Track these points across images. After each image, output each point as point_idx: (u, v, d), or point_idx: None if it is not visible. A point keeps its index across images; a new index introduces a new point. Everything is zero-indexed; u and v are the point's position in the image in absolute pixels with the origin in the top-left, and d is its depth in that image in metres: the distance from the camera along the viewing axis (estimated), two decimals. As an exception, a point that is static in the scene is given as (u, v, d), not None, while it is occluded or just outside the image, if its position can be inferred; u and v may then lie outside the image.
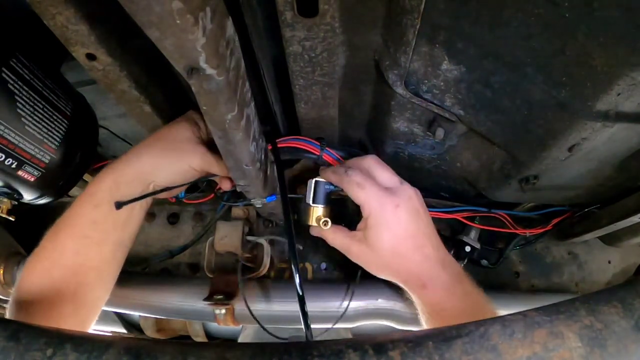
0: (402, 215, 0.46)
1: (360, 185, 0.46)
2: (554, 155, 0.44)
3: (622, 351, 0.25)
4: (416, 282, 0.47)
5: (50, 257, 0.47)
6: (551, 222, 0.68)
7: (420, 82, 0.45)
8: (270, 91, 0.46)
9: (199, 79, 0.30)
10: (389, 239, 0.46)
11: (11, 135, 0.46)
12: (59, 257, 0.47)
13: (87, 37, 0.38)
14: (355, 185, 0.46)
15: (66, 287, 0.46)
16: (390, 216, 0.46)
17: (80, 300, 0.48)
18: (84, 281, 0.48)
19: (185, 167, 0.49)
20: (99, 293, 0.51)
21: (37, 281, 0.46)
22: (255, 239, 0.62)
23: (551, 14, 0.33)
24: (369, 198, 0.46)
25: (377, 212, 0.46)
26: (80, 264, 0.47)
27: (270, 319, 0.62)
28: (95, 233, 0.48)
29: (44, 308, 0.45)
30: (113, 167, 0.49)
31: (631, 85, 0.34)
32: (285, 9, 0.32)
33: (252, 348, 0.26)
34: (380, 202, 0.46)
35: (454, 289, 0.46)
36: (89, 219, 0.47)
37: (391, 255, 0.47)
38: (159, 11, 0.23)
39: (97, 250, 0.48)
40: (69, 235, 0.47)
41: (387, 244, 0.46)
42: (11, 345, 0.25)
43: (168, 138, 0.50)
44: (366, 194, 0.46)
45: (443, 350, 0.25)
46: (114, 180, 0.48)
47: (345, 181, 0.48)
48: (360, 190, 0.46)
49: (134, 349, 0.25)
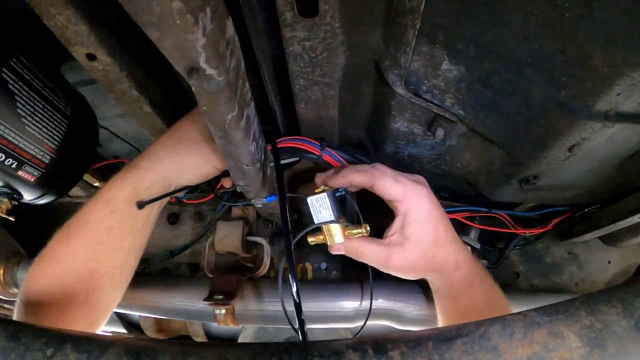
0: (434, 203, 0.46)
1: (395, 179, 0.45)
2: (554, 155, 0.44)
3: (622, 351, 0.25)
4: (451, 265, 0.47)
5: (63, 263, 0.46)
6: (551, 222, 0.68)
7: (420, 82, 0.45)
8: (270, 91, 0.46)
9: (199, 79, 0.30)
10: (429, 231, 0.46)
11: (11, 135, 0.46)
12: (71, 263, 0.46)
13: (87, 37, 0.38)
14: (391, 179, 0.45)
15: (77, 293, 0.45)
16: (428, 207, 0.45)
17: (91, 305, 0.47)
18: (96, 287, 0.47)
19: (210, 168, 0.49)
20: (111, 298, 0.51)
21: (48, 286, 0.45)
22: (255, 239, 0.62)
23: (551, 14, 0.33)
24: (408, 191, 0.44)
25: (417, 205, 0.45)
26: (93, 270, 0.46)
27: (270, 319, 0.62)
28: (110, 240, 0.47)
29: (54, 312, 0.44)
30: (131, 173, 0.47)
31: (631, 85, 0.34)
32: (285, 9, 0.32)
33: (252, 348, 0.26)
34: (417, 194, 0.45)
35: (474, 260, 0.48)
36: (105, 226, 0.46)
37: (434, 247, 0.46)
38: (159, 11, 0.23)
39: (110, 257, 0.47)
40: (82, 241, 0.46)
41: (430, 236, 0.46)
42: (11, 345, 0.25)
43: (189, 138, 0.48)
44: (403, 187, 0.44)
45: (443, 350, 0.25)
46: (134, 187, 0.46)
47: (377, 177, 0.45)
48: (397, 183, 0.44)
49: (134, 349, 0.25)
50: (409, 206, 0.45)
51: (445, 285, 0.49)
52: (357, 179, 0.47)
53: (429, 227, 0.46)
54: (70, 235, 0.47)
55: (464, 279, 0.47)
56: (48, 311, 0.44)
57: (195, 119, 0.50)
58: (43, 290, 0.45)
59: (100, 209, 0.46)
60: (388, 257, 0.47)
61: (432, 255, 0.47)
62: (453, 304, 0.49)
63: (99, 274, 0.47)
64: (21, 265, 0.71)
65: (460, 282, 0.47)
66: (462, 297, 0.47)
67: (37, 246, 0.50)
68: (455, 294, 0.48)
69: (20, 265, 0.71)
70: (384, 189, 0.45)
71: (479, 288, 0.47)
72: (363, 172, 0.46)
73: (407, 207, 0.45)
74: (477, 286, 0.47)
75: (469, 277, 0.47)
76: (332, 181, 0.48)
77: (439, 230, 0.47)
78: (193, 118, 0.50)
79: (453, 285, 0.48)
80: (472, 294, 0.47)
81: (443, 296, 0.50)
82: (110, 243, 0.47)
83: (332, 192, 0.47)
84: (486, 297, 0.48)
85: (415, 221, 0.46)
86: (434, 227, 0.46)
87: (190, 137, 0.48)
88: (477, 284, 0.47)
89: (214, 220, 0.67)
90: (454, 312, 0.49)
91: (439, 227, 0.47)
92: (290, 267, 0.44)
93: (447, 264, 0.47)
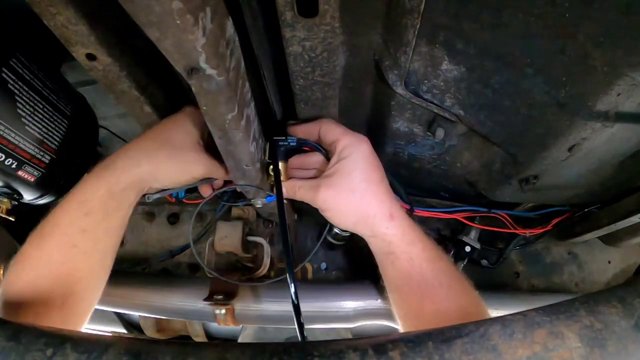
0: (372, 151, 0.48)
1: (336, 124, 0.48)
2: (554, 155, 0.44)
3: (622, 351, 0.25)
4: (384, 212, 0.46)
5: (36, 267, 0.45)
6: (551, 222, 0.68)
7: (420, 82, 0.45)
8: (270, 91, 0.46)
9: (199, 79, 0.30)
10: (363, 169, 0.46)
11: (11, 136, 0.46)
12: (44, 267, 0.45)
13: (87, 37, 0.38)
14: (334, 124, 0.48)
15: (54, 298, 0.44)
16: (364, 149, 0.47)
17: (70, 310, 0.46)
18: (72, 291, 0.46)
19: (189, 177, 0.49)
20: (89, 300, 0.50)
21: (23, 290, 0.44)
22: (255, 239, 0.62)
23: (551, 14, 0.33)
24: (345, 132, 0.47)
25: (353, 144, 0.47)
26: (68, 274, 0.45)
27: (270, 319, 0.62)
28: (84, 242, 0.45)
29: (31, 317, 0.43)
30: (106, 173, 0.46)
31: (631, 85, 0.34)
32: (285, 9, 0.32)
33: (252, 348, 0.26)
34: (355, 135, 0.47)
35: (414, 224, 0.48)
36: (79, 228, 0.45)
37: (366, 185, 0.46)
38: (159, 11, 0.23)
39: (85, 259, 0.46)
40: (55, 244, 0.45)
41: (362, 174, 0.46)
42: (11, 345, 0.25)
43: (170, 144, 0.48)
44: (344, 130, 0.48)
45: (443, 350, 0.25)
46: (109, 189, 0.45)
47: (324, 123, 0.48)
48: (338, 127, 0.48)
49: (134, 349, 0.25)
50: (345, 144, 0.47)
51: (381, 241, 0.47)
52: (307, 129, 0.49)
53: (363, 164, 0.47)
54: (44, 238, 0.45)
55: (402, 234, 0.46)
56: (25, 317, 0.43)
57: (180, 124, 0.49)
58: (19, 295, 0.44)
59: (73, 210, 0.45)
60: (317, 188, 0.47)
61: (363, 194, 0.46)
62: (395, 264, 0.47)
63: (74, 277, 0.46)
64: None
65: (398, 237, 0.46)
66: (402, 255, 0.46)
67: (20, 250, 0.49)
68: (394, 250, 0.46)
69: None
70: (327, 133, 0.47)
71: (421, 249, 0.45)
72: (307, 125, 0.49)
73: (343, 145, 0.47)
74: (419, 246, 0.46)
75: (407, 234, 0.46)
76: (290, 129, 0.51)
77: (373, 174, 0.47)
78: (178, 122, 0.50)
79: (392, 237, 0.46)
80: (413, 254, 0.45)
81: (382, 254, 0.48)
82: (85, 245, 0.46)
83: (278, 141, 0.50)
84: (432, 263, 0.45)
85: (349, 156, 0.47)
86: (368, 168, 0.47)
87: (173, 143, 0.48)
88: (417, 244, 0.46)
89: (214, 220, 0.67)
90: (397, 275, 0.47)
91: (373, 172, 0.47)
92: (288, 267, 0.44)
93: (380, 212, 0.46)
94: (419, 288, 0.45)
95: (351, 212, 0.47)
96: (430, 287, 0.45)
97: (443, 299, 0.44)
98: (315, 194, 0.48)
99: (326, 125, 0.48)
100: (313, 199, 0.48)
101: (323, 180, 0.47)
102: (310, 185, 0.48)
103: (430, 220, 0.73)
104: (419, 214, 0.66)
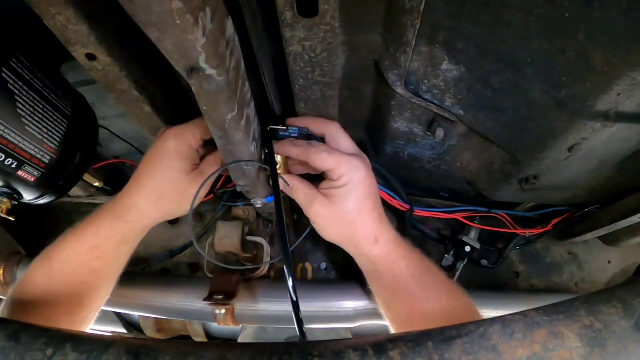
0: (367, 178, 0.48)
1: (329, 152, 0.47)
2: (554, 155, 0.44)
3: (622, 351, 0.25)
4: (369, 238, 0.48)
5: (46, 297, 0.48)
6: (551, 222, 0.68)
7: (420, 82, 0.45)
8: (270, 91, 0.46)
9: (199, 79, 0.30)
10: (356, 199, 0.47)
11: (11, 136, 0.46)
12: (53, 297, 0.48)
13: (87, 37, 0.38)
14: (324, 152, 0.47)
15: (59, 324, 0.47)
16: (360, 178, 0.47)
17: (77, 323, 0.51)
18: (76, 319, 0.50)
19: (183, 211, 0.52)
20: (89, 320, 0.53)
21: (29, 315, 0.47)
22: (255, 239, 0.62)
23: (551, 14, 0.33)
24: (341, 162, 0.47)
25: (348, 174, 0.47)
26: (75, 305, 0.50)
27: (270, 319, 0.62)
28: (94, 280, 0.50)
29: None
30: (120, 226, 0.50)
31: (631, 85, 0.34)
32: (285, 9, 0.32)
33: (252, 348, 0.26)
34: (350, 165, 0.47)
35: (401, 242, 0.49)
36: (90, 269, 0.49)
37: (356, 214, 0.48)
38: (159, 11, 0.23)
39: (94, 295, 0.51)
40: (65, 278, 0.49)
41: (354, 204, 0.47)
42: (11, 345, 0.25)
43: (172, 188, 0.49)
44: (336, 159, 0.47)
45: (443, 350, 0.25)
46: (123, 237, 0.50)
47: (312, 152, 0.47)
48: (329, 155, 0.47)
49: (134, 349, 0.25)
50: (341, 174, 0.47)
51: (366, 260, 0.50)
52: (293, 152, 0.48)
53: (355, 195, 0.47)
54: (54, 270, 0.49)
55: (386, 255, 0.48)
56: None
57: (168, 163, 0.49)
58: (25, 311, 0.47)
59: (85, 253, 0.49)
60: (313, 200, 0.49)
61: (352, 222, 0.48)
62: (380, 281, 0.50)
63: (80, 308, 0.50)
64: (21, 266, 0.71)
65: (382, 258, 0.49)
66: (386, 273, 0.49)
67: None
68: (378, 268, 0.49)
69: (20, 265, 0.71)
70: (319, 162, 0.47)
71: (405, 265, 0.48)
72: (297, 146, 0.48)
73: (339, 175, 0.47)
74: (402, 263, 0.48)
75: (391, 254, 0.48)
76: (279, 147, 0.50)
77: (365, 204, 0.48)
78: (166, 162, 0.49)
79: (375, 258, 0.49)
80: (397, 271, 0.48)
81: (367, 272, 0.51)
82: (94, 283, 0.51)
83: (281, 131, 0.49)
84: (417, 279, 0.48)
85: (344, 187, 0.47)
86: (361, 197, 0.48)
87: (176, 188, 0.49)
88: (401, 261, 0.48)
89: (214, 220, 0.67)
90: (383, 291, 0.51)
91: (367, 201, 0.48)
92: (287, 267, 0.44)
93: (366, 235, 0.48)
94: (406, 303, 0.48)
95: (337, 234, 0.50)
96: (417, 302, 0.47)
97: (430, 311, 0.47)
98: (309, 204, 0.49)
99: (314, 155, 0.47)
100: (306, 209, 0.50)
101: (318, 196, 0.49)
102: (306, 193, 0.50)
103: (430, 220, 0.73)
104: (419, 214, 0.66)
